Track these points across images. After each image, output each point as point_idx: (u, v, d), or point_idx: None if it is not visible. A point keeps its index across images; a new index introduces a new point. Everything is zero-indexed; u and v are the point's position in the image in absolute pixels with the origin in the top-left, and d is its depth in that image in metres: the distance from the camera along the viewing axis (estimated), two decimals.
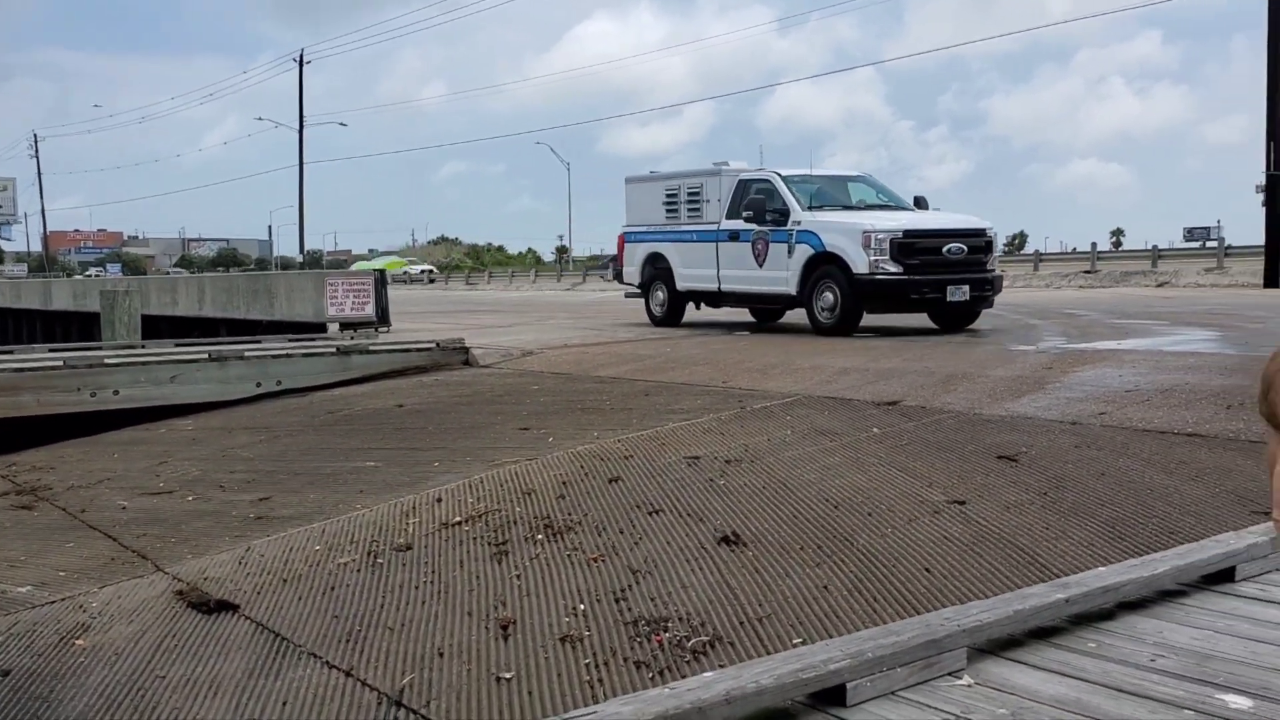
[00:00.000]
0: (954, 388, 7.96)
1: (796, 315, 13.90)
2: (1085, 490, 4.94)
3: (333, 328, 15.73)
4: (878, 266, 12.39)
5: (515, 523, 4.55)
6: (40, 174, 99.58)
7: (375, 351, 11.13)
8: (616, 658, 3.08)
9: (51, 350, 11.58)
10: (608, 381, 9.20)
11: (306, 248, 59.96)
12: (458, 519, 4.67)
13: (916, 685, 2.01)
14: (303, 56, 55.09)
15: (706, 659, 3.02)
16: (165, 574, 4.34)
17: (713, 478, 5.22)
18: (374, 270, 16.66)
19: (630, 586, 3.67)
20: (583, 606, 3.50)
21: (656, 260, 15.84)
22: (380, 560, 4.19)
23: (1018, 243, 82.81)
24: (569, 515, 4.63)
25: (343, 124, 73.18)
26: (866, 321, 13.37)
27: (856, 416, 6.84)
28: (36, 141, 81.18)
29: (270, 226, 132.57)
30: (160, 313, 19.09)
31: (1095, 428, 6.27)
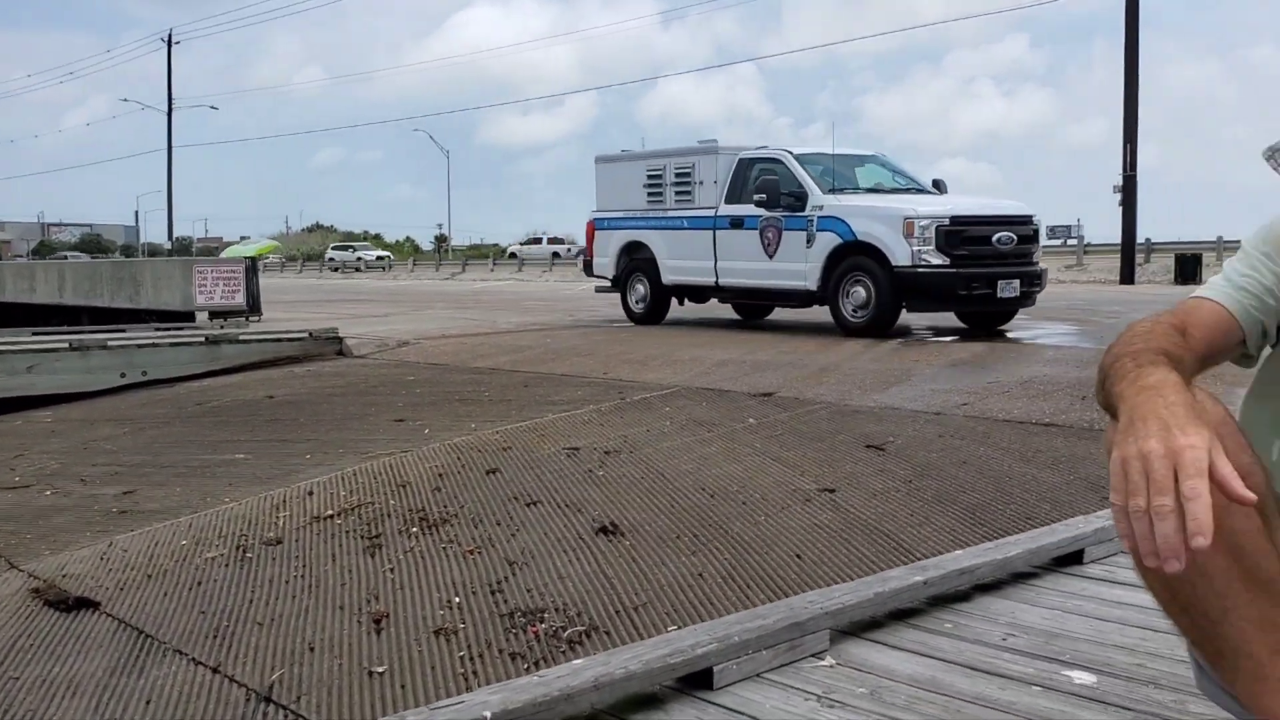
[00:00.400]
0: (826, 379, 8.15)
1: (811, 314, 12.50)
2: (948, 478, 5.11)
3: (202, 316, 15.28)
4: (921, 258, 10.82)
5: (389, 515, 4.51)
6: None
7: (246, 341, 10.85)
8: (491, 649, 3.08)
9: None
10: (486, 372, 9.16)
11: (175, 234, 58.01)
12: (330, 512, 4.60)
13: (781, 667, 2.07)
14: (171, 36, 53.27)
15: (582, 648, 3.05)
16: (20, 571, 4.17)
17: (591, 469, 5.25)
18: (245, 257, 16.19)
19: (507, 578, 3.67)
20: (458, 599, 3.49)
21: (635, 250, 14.01)
22: (249, 555, 4.10)
23: None
24: (445, 507, 4.60)
25: (214, 107, 70.80)
26: (727, 312, 13.34)
27: (733, 407, 6.95)
28: None
29: (137, 212, 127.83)
30: (16, 299, 18.22)
31: (958, 418, 6.50)
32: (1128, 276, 24.54)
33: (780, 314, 13.66)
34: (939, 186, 13.03)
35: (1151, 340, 1.42)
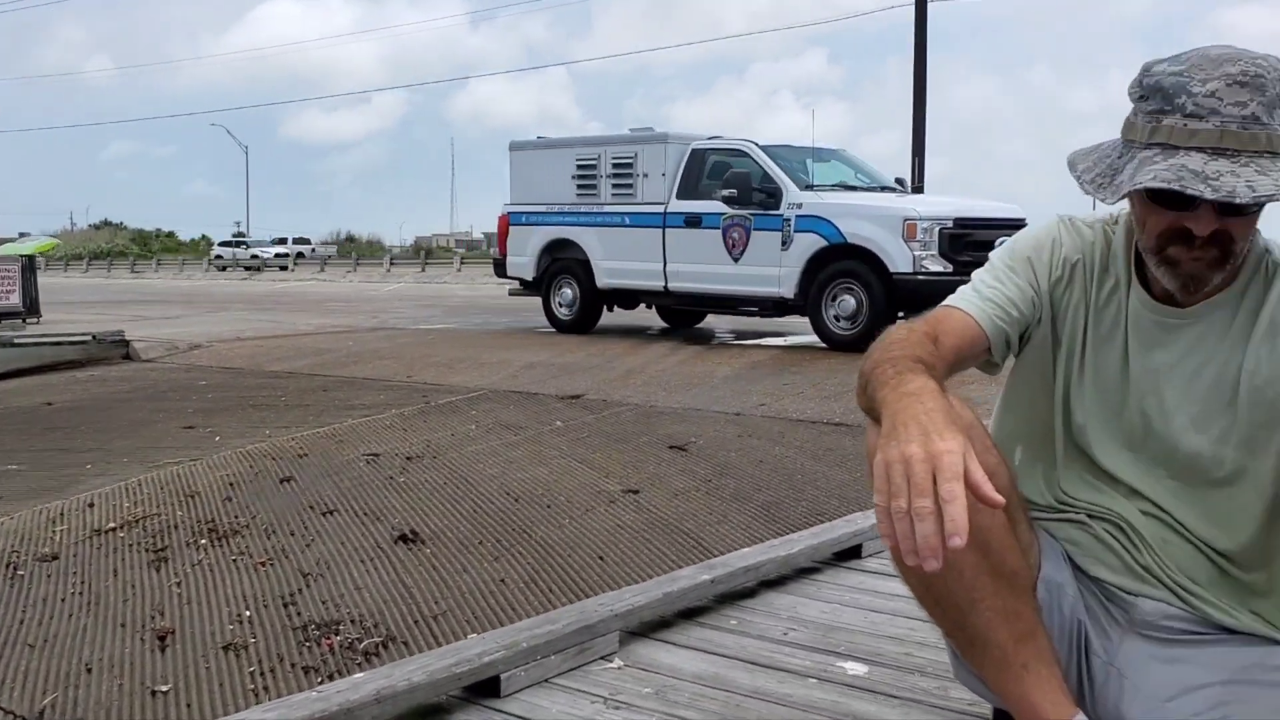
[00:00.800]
0: (633, 381, 8.27)
1: (633, 317, 12.82)
2: (745, 477, 5.27)
3: None
4: (921, 265, 9.78)
5: (176, 527, 4.33)
6: None
7: (22, 344, 10.19)
8: (284, 664, 3.00)
9: None
10: (284, 376, 8.89)
11: None
12: (112, 525, 4.38)
13: (570, 671, 2.10)
14: None
15: (379, 660, 3.00)
16: None
17: (392, 475, 5.18)
18: (21, 255, 15.18)
19: (301, 590, 3.58)
20: (249, 613, 3.39)
21: (561, 249, 12.59)
22: (21, 572, 3.86)
23: None
24: (236, 518, 4.45)
25: None
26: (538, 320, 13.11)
27: (541, 410, 6.97)
28: None
29: None
30: None
31: (756, 418, 6.71)
32: None
33: (604, 318, 13.10)
34: (902, 185, 12.34)
35: (908, 348, 1.47)
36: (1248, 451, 1.54)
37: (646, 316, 13.79)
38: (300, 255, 45.98)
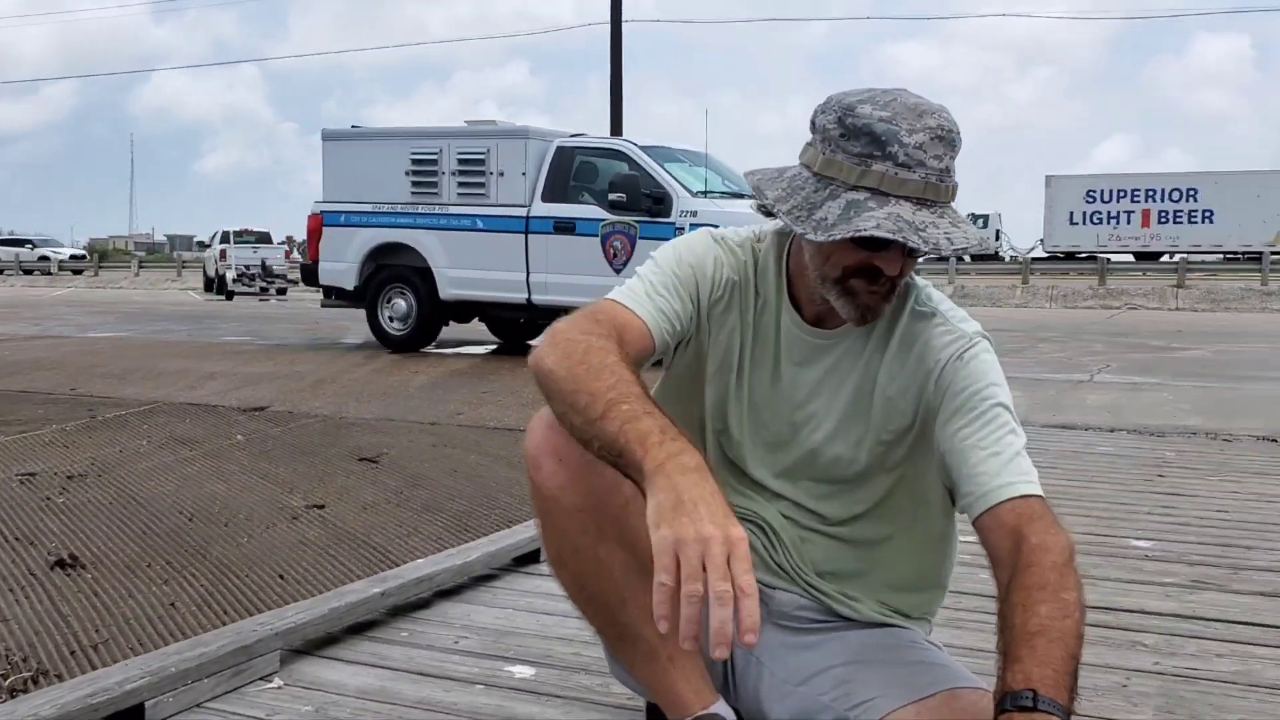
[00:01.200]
0: (323, 391, 8.05)
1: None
2: (439, 487, 5.26)
3: None
4: None
5: None
6: None
7: None
8: None
9: None
10: None
11: None
12: None
13: (225, 694, 2.03)
14: None
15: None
16: None
17: (50, 496, 4.80)
18: None
19: None
20: None
21: (392, 254, 11.26)
22: None
23: None
24: None
25: None
26: (240, 327, 12.70)
27: (221, 423, 6.66)
28: None
29: None
30: None
31: (452, 426, 6.70)
32: None
33: (288, 329, 12.80)
34: None
35: (623, 371, 1.42)
36: (880, 453, 1.69)
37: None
38: None
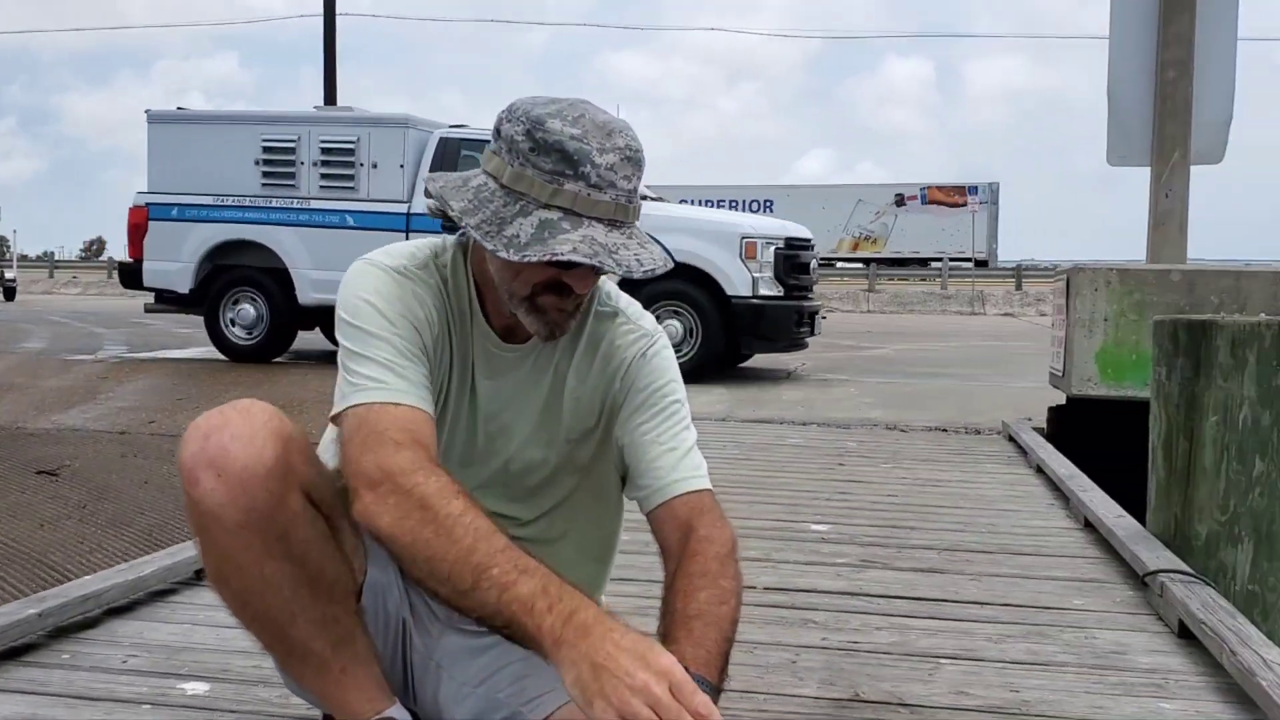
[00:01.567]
0: (1, 400, 7.42)
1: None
2: (127, 499, 4.98)
3: None
4: (758, 288, 8.91)
5: None
6: None
7: None
8: None
9: None
10: None
11: None
12: None
13: None
14: None
15: None
16: None
17: None
18: None
19: None
20: None
21: (236, 253, 10.11)
22: None
23: (95, 249, 80.00)
24: None
25: None
26: None
27: None
28: None
29: None
30: None
31: (144, 436, 6.34)
32: None
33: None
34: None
35: (474, 522, 1.39)
36: (568, 452, 1.74)
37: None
38: None
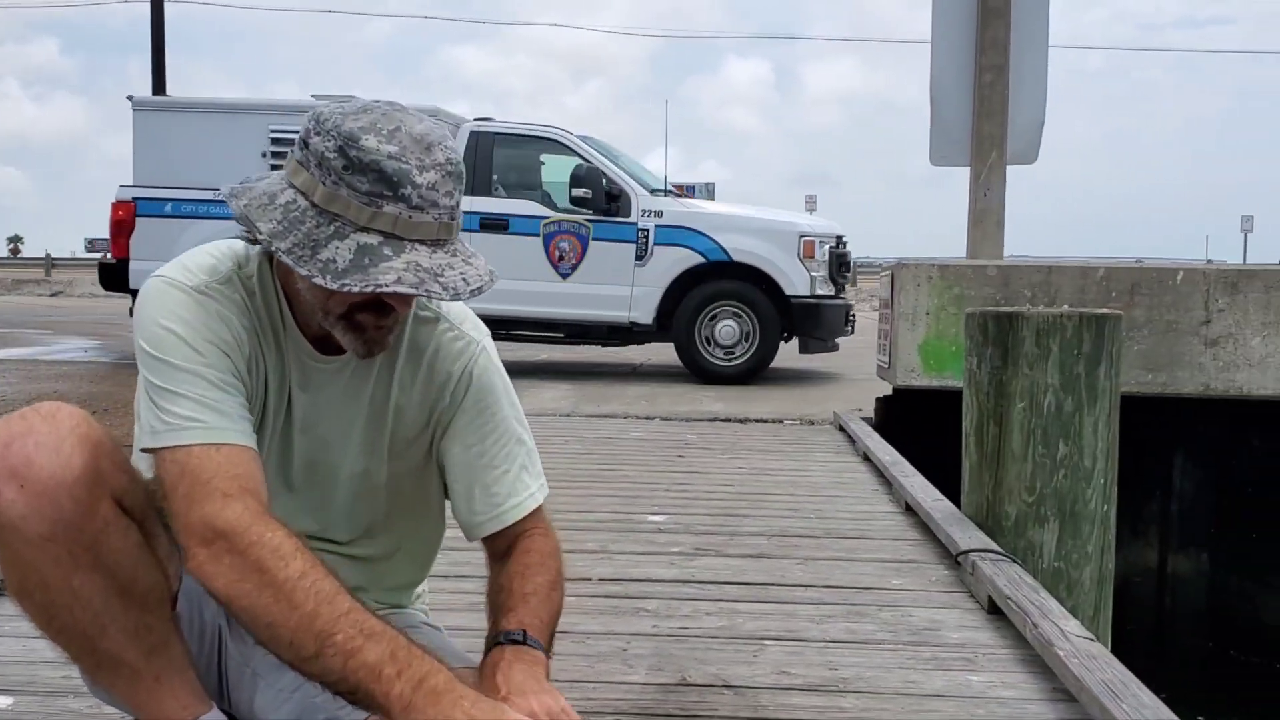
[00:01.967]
0: None
1: None
2: None
3: None
4: (815, 287, 8.70)
5: None
6: None
7: None
8: None
9: None
10: None
11: None
12: None
13: None
14: None
15: None
16: None
17: None
18: None
19: None
20: None
21: None
22: None
23: None
24: None
25: None
26: None
27: None
28: None
29: None
30: None
31: None
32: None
33: None
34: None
35: (315, 584, 1.36)
36: (395, 460, 1.69)
37: None
38: None
